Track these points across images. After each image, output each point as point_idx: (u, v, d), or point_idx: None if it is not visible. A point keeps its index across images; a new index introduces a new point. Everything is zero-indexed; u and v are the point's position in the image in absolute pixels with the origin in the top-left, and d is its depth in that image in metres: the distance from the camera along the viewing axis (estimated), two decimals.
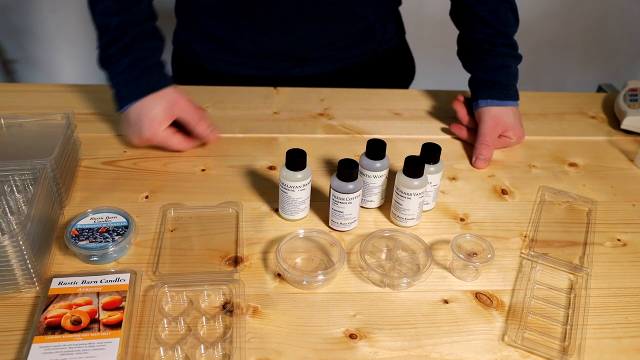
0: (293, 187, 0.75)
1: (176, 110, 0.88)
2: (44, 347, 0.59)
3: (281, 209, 0.79)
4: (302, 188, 0.76)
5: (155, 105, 0.87)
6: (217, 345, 0.61)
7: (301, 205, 0.77)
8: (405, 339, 0.64)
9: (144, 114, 0.86)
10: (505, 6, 0.95)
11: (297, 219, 0.79)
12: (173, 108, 0.87)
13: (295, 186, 0.75)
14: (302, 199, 0.77)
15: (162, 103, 0.87)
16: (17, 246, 0.62)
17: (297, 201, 0.77)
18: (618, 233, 0.80)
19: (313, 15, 1.03)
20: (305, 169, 0.75)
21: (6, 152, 0.81)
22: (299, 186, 0.75)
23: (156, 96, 0.87)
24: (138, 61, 0.88)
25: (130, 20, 0.87)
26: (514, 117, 0.95)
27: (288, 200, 0.76)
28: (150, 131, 0.86)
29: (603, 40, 2.13)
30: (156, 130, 0.87)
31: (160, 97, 0.87)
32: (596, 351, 0.63)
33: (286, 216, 0.79)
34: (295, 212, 0.78)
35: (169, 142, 0.89)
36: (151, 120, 0.86)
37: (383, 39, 1.15)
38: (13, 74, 2.02)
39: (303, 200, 0.77)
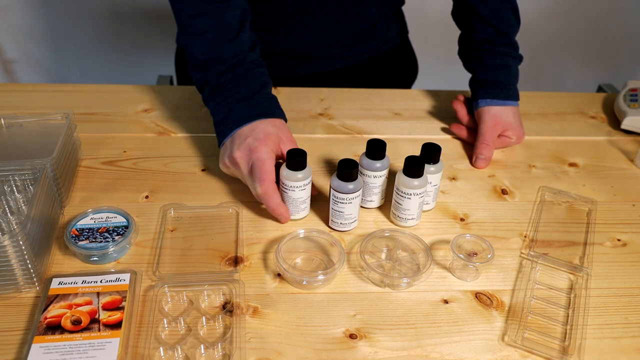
0: (294, 187, 0.75)
1: (286, 146, 0.78)
2: (44, 347, 0.59)
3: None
4: (303, 188, 0.76)
5: (270, 128, 0.78)
6: (217, 345, 0.61)
7: (302, 205, 0.78)
8: (405, 339, 0.64)
9: (259, 133, 0.77)
10: (507, 6, 0.95)
11: (297, 219, 0.79)
12: (286, 143, 0.78)
13: (296, 186, 0.75)
14: (302, 198, 0.77)
15: (278, 130, 0.79)
16: (17, 246, 0.62)
17: (297, 201, 0.77)
18: (618, 233, 0.80)
19: (317, 14, 1.03)
20: (306, 168, 0.75)
21: (6, 152, 0.81)
22: (299, 186, 0.75)
23: (275, 122, 0.80)
24: (260, 87, 0.82)
25: (241, 48, 0.83)
26: (513, 116, 0.95)
27: (289, 200, 0.77)
28: (264, 153, 0.75)
29: (603, 40, 2.14)
30: (266, 152, 0.75)
31: (278, 125, 0.80)
32: (596, 351, 0.63)
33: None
34: (295, 211, 0.78)
35: (273, 197, 0.75)
36: (264, 138, 0.77)
37: (386, 38, 1.15)
38: (13, 74, 2.02)
39: (304, 200, 0.77)
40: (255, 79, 0.83)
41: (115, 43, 1.98)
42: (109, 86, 1.10)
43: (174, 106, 1.04)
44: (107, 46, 1.99)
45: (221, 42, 0.82)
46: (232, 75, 0.82)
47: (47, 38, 1.96)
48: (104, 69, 2.05)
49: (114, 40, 1.97)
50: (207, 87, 0.84)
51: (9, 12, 1.88)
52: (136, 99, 1.06)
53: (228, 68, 0.82)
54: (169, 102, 1.05)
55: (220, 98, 0.82)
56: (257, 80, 0.83)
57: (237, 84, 0.82)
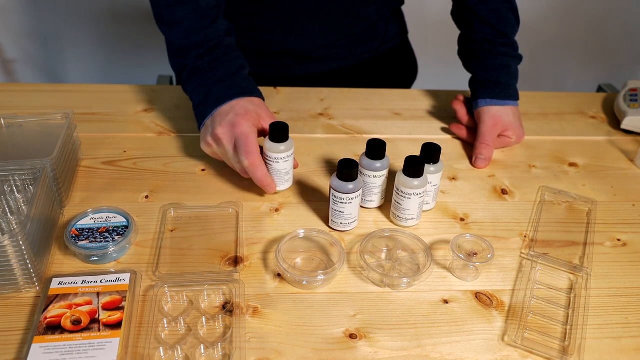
0: (277, 159, 0.78)
1: (267, 123, 0.80)
2: (44, 347, 0.59)
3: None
4: (286, 159, 0.78)
5: (250, 106, 0.81)
6: (217, 345, 0.61)
7: (285, 176, 0.81)
8: (405, 339, 0.64)
9: (239, 110, 0.79)
10: (506, 6, 0.95)
11: (281, 190, 0.82)
12: (266, 120, 0.80)
13: (280, 157, 0.78)
14: (286, 169, 0.80)
15: (257, 107, 0.81)
16: (17, 246, 0.62)
17: (281, 172, 0.80)
18: (618, 233, 0.80)
19: (315, 14, 1.03)
20: (288, 140, 0.78)
21: (6, 152, 0.81)
22: (282, 157, 0.78)
23: (253, 100, 0.82)
24: (238, 69, 0.85)
25: (217, 32, 0.85)
26: (513, 116, 0.95)
27: (273, 172, 0.79)
28: (246, 127, 0.77)
29: (603, 40, 2.14)
30: (249, 127, 0.77)
31: (257, 103, 0.82)
32: (596, 351, 0.63)
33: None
34: (280, 183, 0.81)
35: (259, 168, 0.77)
36: (244, 113, 0.79)
37: (385, 38, 1.15)
38: (13, 74, 2.02)
39: (287, 171, 0.80)
40: (232, 61, 0.85)
41: (115, 43, 1.98)
42: (109, 86, 1.10)
43: (174, 106, 1.04)
44: (107, 46, 1.99)
45: (197, 28, 0.84)
46: (209, 59, 0.84)
47: (47, 38, 1.96)
48: (104, 69, 2.05)
49: (114, 40, 1.97)
50: (185, 70, 0.86)
51: (9, 12, 1.88)
52: (136, 99, 1.06)
53: (205, 51, 0.84)
54: (169, 102, 1.05)
55: (199, 81, 0.84)
56: (234, 62, 0.85)
57: (215, 66, 0.84)
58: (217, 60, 0.84)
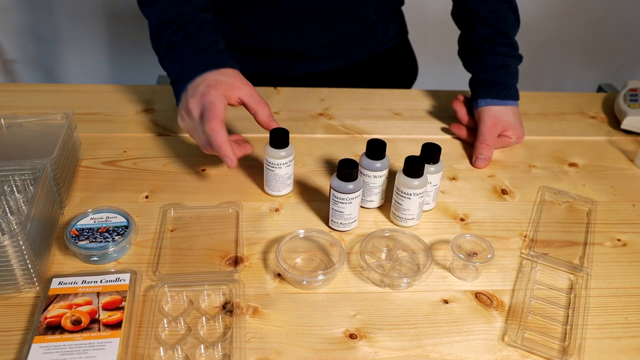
0: (280, 165, 0.78)
1: (242, 90, 0.80)
2: (44, 347, 0.59)
3: (267, 187, 0.82)
4: (287, 164, 0.79)
5: (223, 76, 0.80)
6: (217, 345, 0.61)
7: (287, 180, 0.81)
8: (405, 339, 0.64)
9: (210, 81, 0.79)
10: (506, 6, 0.95)
11: (283, 195, 0.83)
12: (240, 87, 0.80)
13: (281, 163, 0.78)
14: (287, 174, 0.80)
15: (231, 77, 0.80)
16: (17, 246, 0.62)
17: (283, 177, 0.80)
18: (618, 233, 0.80)
19: (314, 14, 1.03)
20: (289, 146, 0.78)
21: (6, 152, 0.81)
22: (284, 163, 0.78)
23: (226, 71, 0.81)
24: (211, 44, 0.84)
25: (192, 9, 0.85)
26: (513, 116, 0.95)
27: (275, 178, 0.80)
28: (215, 96, 0.76)
29: (603, 40, 2.14)
30: (217, 95, 0.77)
31: (230, 73, 0.81)
32: (596, 351, 0.63)
33: (273, 193, 0.82)
34: (282, 187, 0.81)
35: (220, 134, 0.74)
36: (215, 84, 0.78)
37: (385, 39, 1.15)
38: (13, 74, 2.02)
39: (289, 176, 0.81)
40: (205, 36, 0.85)
41: (115, 43, 1.98)
42: (109, 86, 1.10)
43: (174, 106, 1.04)
44: (107, 46, 1.99)
45: (172, 4, 0.85)
46: (182, 34, 0.84)
47: (47, 38, 1.96)
48: (104, 69, 2.05)
49: (114, 40, 1.97)
50: (161, 47, 0.86)
51: (9, 12, 1.88)
52: (136, 99, 1.06)
53: (179, 27, 0.84)
54: (169, 102, 1.05)
55: (174, 57, 0.84)
56: (207, 37, 0.85)
57: (188, 42, 0.84)
58: (189, 36, 0.84)
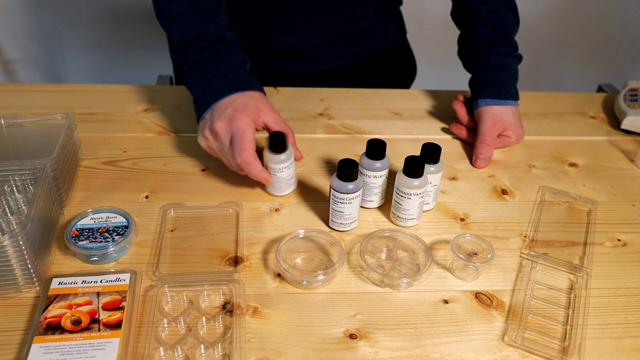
0: (281, 169, 0.79)
1: (268, 116, 0.81)
2: (44, 347, 0.59)
3: (271, 188, 0.83)
4: (289, 167, 0.80)
5: (251, 100, 0.80)
6: (217, 345, 0.61)
7: (289, 181, 0.82)
8: (405, 339, 0.64)
9: (238, 104, 0.78)
10: (505, 6, 0.95)
11: (287, 194, 0.83)
12: (267, 113, 0.81)
13: (283, 167, 0.79)
14: (289, 176, 0.81)
15: (258, 101, 0.81)
16: (17, 246, 0.62)
17: (285, 179, 0.81)
18: (618, 233, 0.80)
19: (312, 13, 1.03)
20: (288, 149, 0.79)
21: (6, 152, 0.81)
22: (285, 166, 0.79)
23: (253, 94, 0.82)
24: (239, 64, 0.84)
25: (218, 27, 0.84)
26: (513, 116, 0.95)
27: (277, 180, 0.80)
28: (244, 122, 0.76)
29: (603, 40, 2.14)
30: (246, 122, 0.76)
31: (257, 97, 0.82)
32: (596, 351, 0.63)
33: (277, 193, 0.83)
34: (285, 188, 0.82)
35: (254, 165, 0.76)
36: (243, 108, 0.78)
37: (383, 38, 1.15)
38: (13, 74, 2.02)
39: (291, 176, 0.82)
40: (233, 55, 0.85)
41: (115, 43, 1.98)
42: (109, 86, 1.10)
43: (174, 106, 1.04)
44: (107, 46, 1.99)
45: (198, 22, 0.84)
46: (210, 52, 0.84)
47: (47, 38, 1.96)
48: (104, 69, 2.05)
49: (114, 40, 1.97)
50: (186, 64, 0.85)
51: (9, 12, 1.88)
52: (136, 99, 1.06)
53: (207, 45, 0.84)
54: (169, 102, 1.05)
55: (200, 74, 0.84)
56: (235, 56, 0.85)
57: (216, 60, 0.83)
58: (218, 54, 0.84)
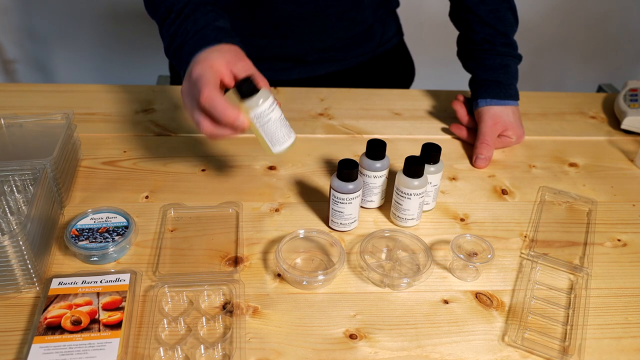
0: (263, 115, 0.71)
1: (237, 66, 0.75)
2: (44, 348, 0.59)
3: (270, 144, 0.73)
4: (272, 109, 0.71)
5: (212, 53, 0.75)
6: (217, 345, 0.61)
7: (284, 129, 0.73)
8: (405, 339, 0.64)
9: (199, 58, 0.75)
10: (505, 6, 0.95)
11: (290, 144, 0.73)
12: (235, 63, 0.75)
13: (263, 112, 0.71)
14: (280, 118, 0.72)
15: (225, 53, 0.76)
16: (17, 246, 0.62)
17: (276, 124, 0.72)
18: (618, 233, 0.80)
19: (312, 19, 1.03)
20: (261, 90, 0.71)
21: (6, 152, 0.81)
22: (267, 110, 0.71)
23: (221, 47, 0.77)
24: (208, 23, 0.79)
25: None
26: (513, 116, 0.95)
27: (272, 127, 0.72)
28: (202, 69, 0.72)
29: (603, 40, 2.14)
30: (203, 69, 0.72)
31: (226, 49, 0.77)
32: (596, 351, 0.63)
33: (279, 147, 0.73)
34: (283, 139, 0.73)
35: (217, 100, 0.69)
36: (202, 61, 0.74)
37: (382, 40, 1.15)
38: (13, 74, 2.02)
39: (282, 120, 0.73)
40: (201, 17, 0.80)
41: (115, 43, 1.98)
42: (109, 86, 1.10)
43: (173, 106, 1.04)
44: (107, 46, 1.99)
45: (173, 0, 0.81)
46: (179, 21, 0.81)
47: (47, 38, 1.96)
48: (104, 69, 2.05)
49: (114, 40, 1.97)
50: (165, 41, 0.82)
51: (9, 12, 1.88)
52: (136, 99, 1.06)
53: (176, 15, 0.81)
54: (169, 102, 1.05)
55: (174, 46, 0.81)
56: (203, 17, 0.80)
57: (185, 27, 0.80)
58: (186, 19, 0.80)
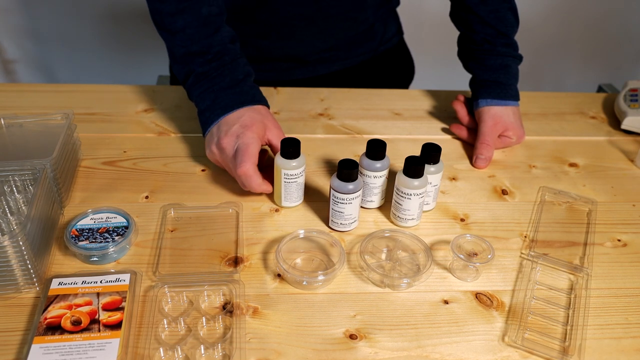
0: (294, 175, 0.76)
1: (273, 132, 0.81)
2: (44, 348, 0.59)
3: (282, 198, 0.80)
4: (301, 174, 0.77)
5: (256, 116, 0.81)
6: (217, 345, 0.61)
7: (300, 191, 0.80)
8: (405, 340, 0.64)
9: (246, 120, 0.79)
10: (505, 6, 0.95)
11: (295, 205, 0.81)
12: (272, 129, 0.81)
13: (295, 174, 0.76)
14: (301, 185, 0.79)
15: (264, 117, 0.81)
16: (17, 246, 0.62)
17: (298, 187, 0.79)
18: (618, 233, 0.80)
19: (314, 19, 1.03)
20: (300, 156, 0.77)
21: (6, 152, 0.81)
22: (298, 173, 0.76)
23: (260, 109, 0.82)
24: (245, 76, 0.85)
25: (222, 39, 0.85)
26: (513, 116, 0.95)
27: (289, 189, 0.78)
28: (250, 138, 0.77)
29: (603, 40, 2.14)
30: (252, 138, 0.77)
31: (264, 112, 0.82)
32: (596, 351, 0.63)
33: (286, 204, 0.81)
34: (296, 198, 0.80)
35: (253, 179, 0.77)
36: (250, 124, 0.79)
37: (384, 39, 1.15)
38: (13, 74, 2.02)
39: (302, 186, 0.79)
40: (239, 67, 0.85)
41: (115, 43, 1.98)
42: (109, 86, 1.10)
43: (174, 106, 1.04)
44: (107, 46, 1.99)
45: (202, 36, 0.84)
46: (216, 64, 0.84)
47: (47, 38, 1.96)
48: (104, 69, 2.05)
49: (114, 40, 1.97)
50: (192, 75, 0.85)
51: (9, 12, 1.88)
52: (136, 99, 1.06)
53: (213, 57, 0.84)
54: (169, 102, 1.05)
55: (206, 86, 0.84)
56: (241, 69, 0.85)
57: (222, 72, 0.83)
58: (224, 66, 0.84)
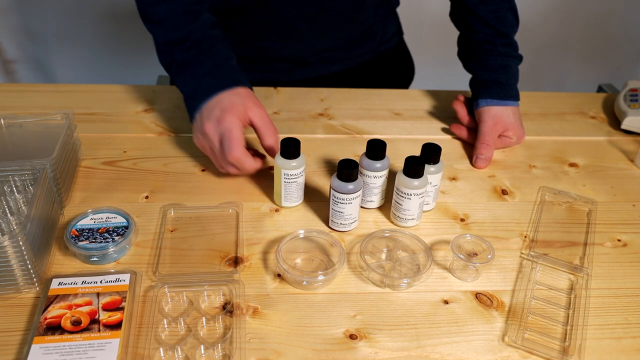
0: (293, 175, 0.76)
1: (254, 112, 0.81)
2: (43, 348, 0.59)
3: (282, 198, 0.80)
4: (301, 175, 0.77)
5: (236, 98, 0.81)
6: (217, 345, 0.61)
7: (300, 191, 0.80)
8: (405, 340, 0.64)
9: (225, 104, 0.80)
10: (505, 6, 0.95)
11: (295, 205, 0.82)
12: (253, 109, 0.81)
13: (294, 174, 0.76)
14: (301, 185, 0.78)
15: (244, 98, 0.82)
16: (17, 246, 0.62)
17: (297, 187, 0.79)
18: (618, 233, 0.80)
19: (314, 20, 1.03)
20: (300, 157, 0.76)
21: (6, 152, 0.81)
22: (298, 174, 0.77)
23: (240, 91, 0.83)
24: (224, 60, 0.85)
25: (202, 26, 0.86)
26: (514, 116, 0.95)
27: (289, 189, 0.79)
28: (231, 122, 0.78)
29: (603, 40, 2.14)
30: (233, 121, 0.78)
31: (244, 94, 0.83)
32: (596, 351, 0.63)
33: (286, 204, 0.81)
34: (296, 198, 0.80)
35: (245, 162, 0.79)
36: (230, 107, 0.79)
37: (383, 39, 1.15)
38: (13, 74, 2.02)
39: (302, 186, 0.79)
40: (218, 52, 0.86)
41: (115, 43, 1.98)
42: (109, 86, 1.10)
43: (174, 106, 1.04)
44: (107, 46, 1.98)
45: (182, 24, 0.86)
46: (196, 52, 0.85)
47: (47, 38, 1.96)
48: (104, 69, 2.04)
49: (114, 40, 1.97)
50: (174, 64, 0.87)
51: (9, 12, 1.88)
52: (136, 99, 1.06)
53: (192, 45, 0.85)
54: (169, 102, 1.05)
55: (187, 74, 0.85)
56: (220, 53, 0.86)
57: (202, 59, 0.85)
58: (203, 52, 0.85)
